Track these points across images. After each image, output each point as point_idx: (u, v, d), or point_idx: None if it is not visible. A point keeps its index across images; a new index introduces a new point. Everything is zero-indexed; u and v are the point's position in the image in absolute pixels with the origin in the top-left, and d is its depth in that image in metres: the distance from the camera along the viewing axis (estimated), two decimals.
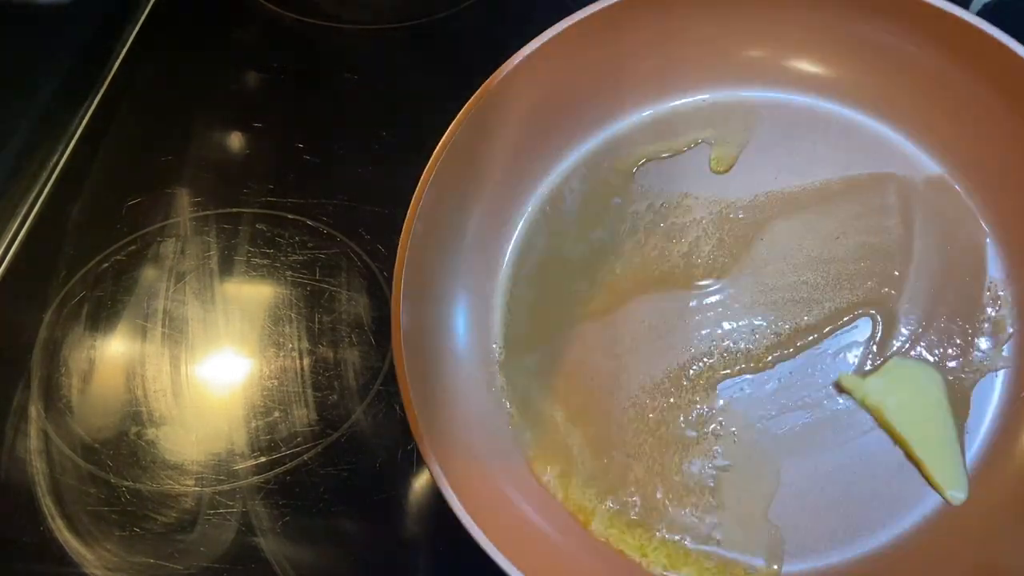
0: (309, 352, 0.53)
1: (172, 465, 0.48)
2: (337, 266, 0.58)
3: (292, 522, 0.46)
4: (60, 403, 0.51)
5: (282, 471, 0.48)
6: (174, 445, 0.49)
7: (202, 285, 0.57)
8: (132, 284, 0.57)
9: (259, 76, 0.73)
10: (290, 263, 0.58)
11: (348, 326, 0.55)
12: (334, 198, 0.62)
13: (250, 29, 0.77)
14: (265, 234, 0.60)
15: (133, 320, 0.55)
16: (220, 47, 0.76)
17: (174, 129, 0.67)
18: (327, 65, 0.74)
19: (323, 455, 0.49)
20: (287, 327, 0.55)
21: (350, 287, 0.57)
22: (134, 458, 0.48)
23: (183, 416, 0.50)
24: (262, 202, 0.62)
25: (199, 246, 0.59)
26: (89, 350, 0.53)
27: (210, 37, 0.77)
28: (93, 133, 0.67)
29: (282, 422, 0.50)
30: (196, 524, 0.46)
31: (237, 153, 0.66)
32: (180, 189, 0.63)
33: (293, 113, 0.69)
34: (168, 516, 0.46)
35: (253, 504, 0.47)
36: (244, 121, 0.68)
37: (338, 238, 0.59)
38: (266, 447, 0.49)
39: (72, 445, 0.49)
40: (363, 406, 0.51)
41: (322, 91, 0.72)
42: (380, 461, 0.49)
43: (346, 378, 0.52)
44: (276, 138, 0.67)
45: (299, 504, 0.47)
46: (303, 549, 0.45)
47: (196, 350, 0.54)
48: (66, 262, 0.58)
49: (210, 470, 0.48)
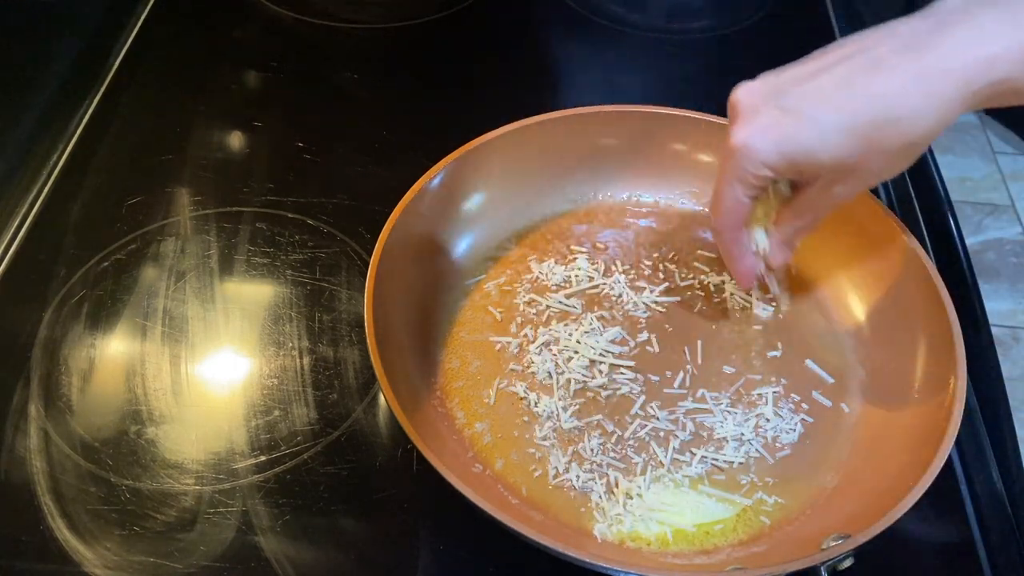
0: (309, 351, 0.53)
1: (172, 464, 0.48)
2: (337, 265, 0.58)
3: (292, 521, 0.46)
4: (60, 402, 0.51)
5: (282, 470, 0.48)
6: (174, 444, 0.49)
7: (202, 284, 0.57)
8: (132, 283, 0.57)
9: (259, 76, 0.73)
10: (290, 262, 0.58)
11: (348, 325, 0.55)
12: (334, 197, 0.62)
13: (250, 29, 0.78)
14: (265, 233, 0.60)
15: (133, 319, 0.55)
16: (220, 47, 0.76)
17: (174, 128, 0.67)
18: (327, 65, 0.74)
19: (323, 454, 0.49)
20: (287, 326, 0.55)
21: (350, 286, 0.57)
22: (134, 457, 0.48)
23: (183, 415, 0.50)
24: (262, 201, 0.62)
25: (199, 245, 0.59)
26: (89, 349, 0.53)
27: (210, 37, 0.77)
28: (93, 133, 0.67)
29: (282, 421, 0.50)
30: (196, 523, 0.46)
31: (237, 152, 0.66)
32: (180, 188, 0.63)
33: (293, 113, 0.69)
34: (168, 515, 0.46)
35: (253, 503, 0.47)
36: (244, 121, 0.68)
37: (338, 237, 0.59)
38: (266, 446, 0.49)
39: (72, 444, 0.49)
40: (363, 405, 0.51)
41: (322, 91, 0.72)
42: (380, 460, 0.49)
43: (346, 377, 0.52)
44: (276, 138, 0.67)
45: (299, 503, 0.47)
46: (303, 548, 0.45)
47: (196, 349, 0.53)
48: (66, 261, 0.58)
49: (210, 469, 0.48)
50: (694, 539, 0.45)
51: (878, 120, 0.38)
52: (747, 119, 0.41)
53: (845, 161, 0.40)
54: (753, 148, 0.41)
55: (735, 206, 0.44)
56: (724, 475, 0.48)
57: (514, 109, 0.58)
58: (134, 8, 0.77)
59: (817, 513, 0.46)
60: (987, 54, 0.37)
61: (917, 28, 0.39)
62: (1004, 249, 1.58)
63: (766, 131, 0.40)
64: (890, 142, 0.39)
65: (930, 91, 0.38)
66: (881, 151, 0.39)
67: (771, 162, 0.41)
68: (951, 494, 0.48)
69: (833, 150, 0.39)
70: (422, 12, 0.79)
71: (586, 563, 0.40)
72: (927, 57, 0.37)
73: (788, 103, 0.40)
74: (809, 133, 0.39)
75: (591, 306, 0.55)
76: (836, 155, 0.40)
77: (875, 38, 0.40)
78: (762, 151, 0.40)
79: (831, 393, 0.51)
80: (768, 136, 0.40)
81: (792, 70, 0.41)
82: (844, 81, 0.39)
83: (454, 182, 0.56)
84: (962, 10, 0.38)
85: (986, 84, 0.37)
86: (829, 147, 0.39)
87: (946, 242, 0.59)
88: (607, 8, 0.80)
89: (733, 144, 0.42)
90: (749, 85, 0.42)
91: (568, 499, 0.47)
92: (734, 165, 0.42)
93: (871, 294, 0.53)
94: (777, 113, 0.40)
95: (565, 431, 0.49)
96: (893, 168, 0.42)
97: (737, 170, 0.42)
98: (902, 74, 0.38)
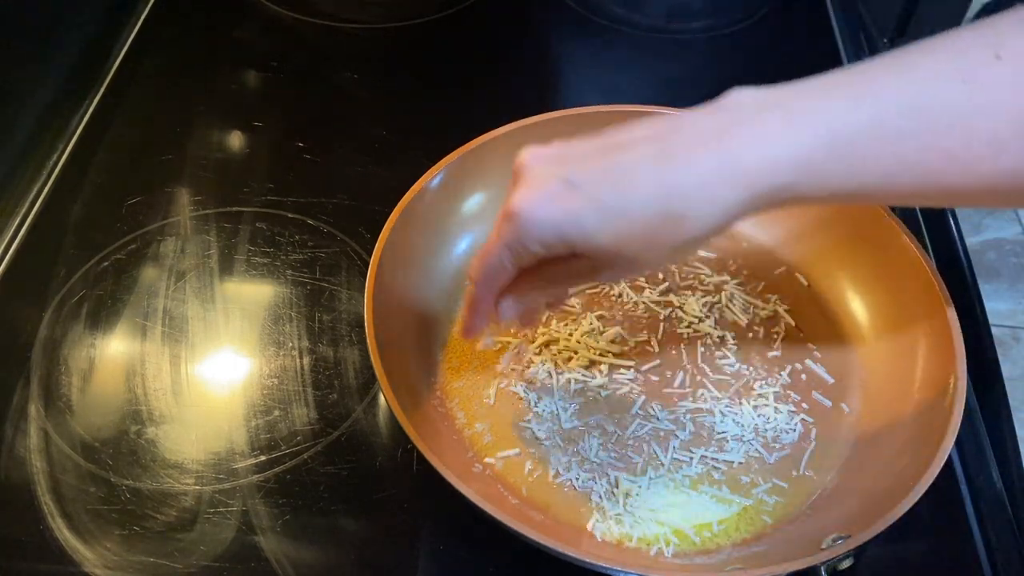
0: (309, 351, 0.53)
1: (172, 464, 0.48)
2: (337, 265, 0.58)
3: (292, 521, 0.46)
4: (60, 402, 0.51)
5: (282, 470, 0.48)
6: (174, 444, 0.49)
7: (202, 284, 0.57)
8: (132, 283, 0.57)
9: (259, 76, 0.73)
10: (290, 262, 0.58)
11: (348, 325, 0.55)
12: (334, 197, 0.62)
13: (250, 29, 0.78)
14: (265, 233, 0.60)
15: (133, 319, 0.55)
16: (220, 47, 0.76)
17: (174, 128, 0.67)
18: (327, 65, 0.74)
19: (323, 454, 0.49)
20: (287, 326, 0.55)
21: (350, 286, 0.57)
22: (134, 457, 0.48)
23: (183, 415, 0.50)
24: (262, 201, 0.62)
25: (199, 245, 0.59)
26: (89, 349, 0.53)
27: (210, 37, 0.77)
28: (93, 133, 0.67)
29: (282, 421, 0.50)
30: (196, 523, 0.46)
31: (237, 152, 0.66)
32: (180, 188, 0.63)
33: (293, 113, 0.69)
34: (168, 515, 0.46)
35: (253, 503, 0.47)
36: (244, 121, 0.68)
37: (338, 237, 0.59)
38: (266, 446, 0.49)
39: (72, 444, 0.49)
40: (363, 405, 0.51)
41: (322, 91, 0.72)
42: (380, 460, 0.49)
43: (346, 377, 0.52)
44: (276, 138, 0.67)
45: (299, 503, 0.47)
46: (303, 547, 0.45)
47: (196, 349, 0.53)
48: (66, 261, 0.58)
49: (210, 469, 0.48)
50: (694, 539, 0.45)
51: (662, 214, 0.37)
52: (531, 186, 0.39)
53: (621, 250, 0.38)
54: (531, 218, 0.38)
55: (498, 271, 0.41)
56: (724, 475, 0.48)
57: (514, 109, 0.58)
58: (134, 8, 0.77)
59: (817, 513, 0.46)
60: (771, 157, 0.36)
61: (708, 125, 0.37)
62: (1004, 249, 1.58)
63: (548, 203, 0.38)
64: (671, 238, 0.37)
65: (715, 194, 0.36)
66: (659, 245, 0.38)
67: (546, 238, 0.38)
68: (951, 494, 0.48)
69: (612, 237, 0.37)
70: (422, 12, 0.79)
71: (586, 563, 0.40)
72: (715, 157, 0.36)
73: (575, 179, 0.38)
74: (591, 215, 0.37)
75: (591, 306, 0.55)
76: (614, 243, 0.38)
77: (669, 127, 0.38)
78: (539, 224, 0.38)
79: (831, 393, 0.51)
80: (548, 209, 0.38)
81: (583, 145, 0.39)
82: (633, 168, 0.37)
83: (454, 182, 0.56)
84: (753, 109, 0.37)
85: (768, 188, 0.36)
86: (608, 233, 0.37)
87: (946, 242, 0.59)
88: (607, 8, 0.80)
89: (512, 208, 0.39)
90: (537, 150, 0.40)
91: (568, 499, 0.47)
92: (509, 230, 0.39)
93: (871, 294, 0.53)
94: (561, 187, 0.38)
95: (565, 431, 0.49)
96: (663, 261, 0.40)
97: (509, 236, 0.39)
98: (689, 171, 0.36)
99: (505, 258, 0.40)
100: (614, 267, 0.40)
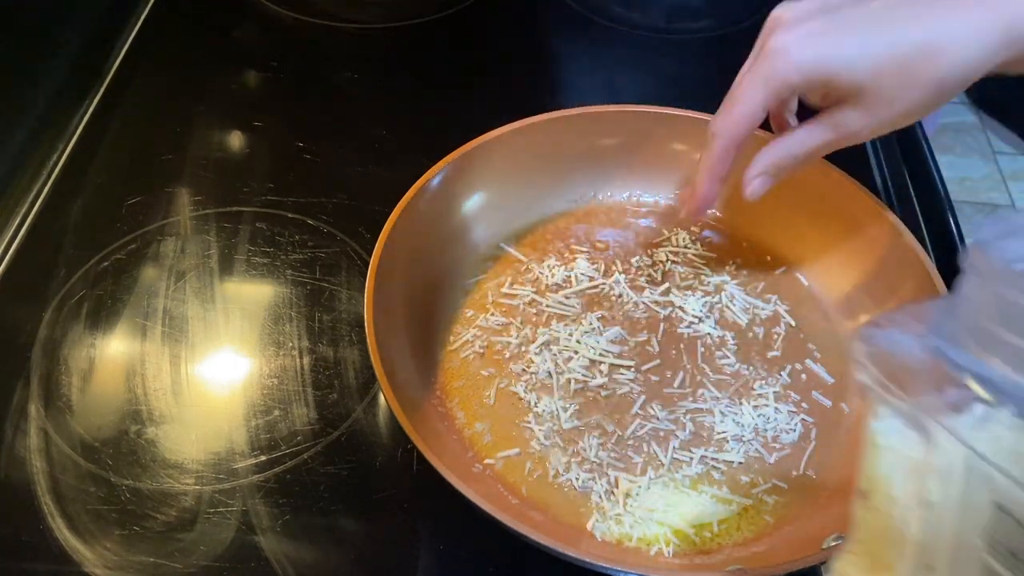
0: (309, 351, 0.53)
1: (172, 464, 0.48)
2: (337, 265, 0.58)
3: (292, 520, 0.46)
4: (60, 402, 0.50)
5: (282, 470, 0.48)
6: (174, 444, 0.49)
7: (202, 284, 0.57)
8: (132, 283, 0.57)
9: (259, 76, 0.73)
10: (290, 262, 0.58)
11: (348, 325, 0.55)
12: (334, 197, 0.62)
13: (250, 29, 0.78)
14: (265, 233, 0.60)
15: (133, 319, 0.55)
16: (220, 47, 0.76)
17: (174, 128, 0.67)
18: (327, 65, 0.74)
19: (323, 454, 0.49)
20: (287, 326, 0.55)
21: (350, 286, 0.57)
22: (134, 457, 0.48)
23: (183, 415, 0.50)
24: (262, 201, 0.62)
25: (199, 245, 0.59)
26: (89, 349, 0.53)
27: (210, 37, 0.77)
28: (93, 133, 0.67)
29: (282, 421, 0.50)
30: (196, 523, 0.46)
31: (237, 152, 0.66)
32: (180, 188, 0.63)
33: (293, 113, 0.69)
34: (168, 515, 0.46)
35: (253, 503, 0.47)
36: (244, 121, 0.68)
37: (338, 237, 0.59)
38: (266, 446, 0.49)
39: (72, 444, 0.49)
40: (363, 405, 0.51)
41: (322, 91, 0.72)
42: (380, 460, 0.49)
43: (346, 377, 0.52)
44: (276, 138, 0.67)
45: (299, 503, 0.47)
46: (303, 547, 0.45)
47: (196, 349, 0.53)
48: (66, 261, 0.58)
49: (210, 469, 0.48)
50: (694, 539, 0.45)
51: (923, 46, 0.39)
52: (791, 27, 0.41)
53: (880, 84, 0.40)
54: (792, 52, 0.41)
55: (749, 111, 0.43)
56: (724, 475, 0.48)
57: (514, 109, 0.58)
58: (134, 8, 0.77)
59: (817, 513, 0.46)
60: None
61: None
62: None
63: (810, 38, 0.41)
64: (927, 74, 0.40)
65: (977, 28, 0.39)
66: (915, 83, 0.40)
67: (805, 69, 0.41)
68: None
69: (871, 66, 0.40)
70: (422, 12, 0.79)
71: (586, 563, 0.40)
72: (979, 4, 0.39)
73: (837, 17, 0.41)
74: (851, 46, 0.40)
75: (591, 306, 0.55)
76: (872, 73, 0.40)
77: None
78: (800, 56, 0.41)
79: (831, 393, 0.51)
80: (810, 43, 0.41)
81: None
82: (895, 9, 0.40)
83: (454, 182, 0.56)
84: None
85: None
86: (868, 64, 0.40)
87: (946, 242, 0.59)
88: (607, 8, 0.80)
89: (771, 47, 0.41)
90: (793, 4, 0.42)
91: (568, 499, 0.47)
92: (765, 67, 0.42)
93: (871, 294, 0.53)
94: (824, 23, 0.41)
95: (565, 431, 0.49)
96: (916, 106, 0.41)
97: (767, 72, 0.42)
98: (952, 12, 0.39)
99: (759, 96, 0.42)
100: (869, 108, 0.41)
